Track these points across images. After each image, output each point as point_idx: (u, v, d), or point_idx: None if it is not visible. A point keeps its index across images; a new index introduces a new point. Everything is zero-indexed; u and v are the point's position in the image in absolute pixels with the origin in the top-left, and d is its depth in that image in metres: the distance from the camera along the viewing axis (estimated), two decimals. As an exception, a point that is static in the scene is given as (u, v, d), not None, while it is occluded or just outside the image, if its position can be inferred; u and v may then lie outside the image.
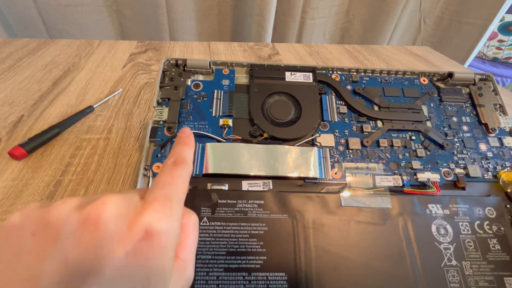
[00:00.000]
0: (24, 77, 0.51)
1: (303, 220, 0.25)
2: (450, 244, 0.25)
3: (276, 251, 0.23)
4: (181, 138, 0.19)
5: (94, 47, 0.62)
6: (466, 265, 0.24)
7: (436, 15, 0.99)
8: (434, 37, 1.02)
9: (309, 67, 0.34)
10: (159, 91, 0.31)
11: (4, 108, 0.44)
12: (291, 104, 0.32)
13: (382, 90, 0.33)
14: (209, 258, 0.23)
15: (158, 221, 0.13)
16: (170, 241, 0.14)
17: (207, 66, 0.32)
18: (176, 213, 0.15)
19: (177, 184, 0.16)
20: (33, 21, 0.76)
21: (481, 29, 0.91)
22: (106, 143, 0.39)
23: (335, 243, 0.24)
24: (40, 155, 0.37)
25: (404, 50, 0.77)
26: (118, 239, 0.12)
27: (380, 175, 0.28)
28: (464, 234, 0.25)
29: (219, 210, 0.25)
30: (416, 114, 0.31)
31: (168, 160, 0.17)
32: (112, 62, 0.58)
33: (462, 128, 0.32)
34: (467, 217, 0.26)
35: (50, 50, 0.59)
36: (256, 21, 0.84)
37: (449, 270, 0.24)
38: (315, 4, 0.90)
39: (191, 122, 0.30)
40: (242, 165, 0.27)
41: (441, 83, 0.35)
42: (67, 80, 0.51)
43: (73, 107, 0.45)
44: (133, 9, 0.83)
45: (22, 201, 0.32)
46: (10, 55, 0.56)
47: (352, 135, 0.30)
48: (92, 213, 0.13)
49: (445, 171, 0.29)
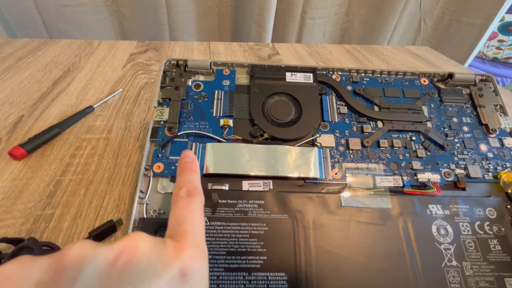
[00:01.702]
0: (24, 77, 0.51)
1: (303, 220, 0.25)
2: (451, 244, 0.25)
3: (276, 251, 0.23)
4: (187, 164, 0.19)
5: (94, 47, 0.62)
6: (466, 265, 0.24)
7: (436, 15, 0.99)
8: (434, 37, 1.02)
9: (310, 67, 0.34)
10: (159, 91, 0.31)
11: (4, 108, 0.44)
12: (292, 105, 0.32)
13: (383, 90, 0.33)
14: (209, 258, 0.22)
15: (192, 261, 0.13)
16: (203, 279, 0.14)
17: (207, 66, 0.33)
18: (205, 251, 0.15)
19: (198, 219, 0.16)
20: (33, 21, 0.76)
21: (481, 29, 0.91)
22: (106, 143, 0.39)
23: (335, 243, 0.24)
24: (40, 155, 0.37)
25: (404, 50, 0.77)
26: (154, 279, 0.12)
27: (380, 175, 0.28)
28: (465, 234, 0.25)
29: (219, 210, 0.25)
30: (416, 115, 0.31)
31: (180, 190, 0.17)
32: (112, 62, 0.58)
33: (463, 128, 0.32)
34: (468, 217, 0.26)
35: (50, 50, 0.59)
36: (256, 21, 0.84)
37: (450, 270, 0.24)
38: (315, 4, 0.90)
39: (192, 122, 0.30)
40: (242, 165, 0.27)
41: (441, 83, 0.35)
42: (67, 80, 0.51)
43: (73, 107, 0.45)
44: (133, 9, 0.83)
45: (22, 201, 0.32)
46: (10, 55, 0.56)
47: (353, 136, 0.30)
48: (124, 251, 0.12)
49: (446, 172, 0.29)
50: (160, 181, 0.27)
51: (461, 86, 0.35)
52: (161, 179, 0.27)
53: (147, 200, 0.26)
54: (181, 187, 0.17)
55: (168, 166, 0.27)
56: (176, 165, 0.27)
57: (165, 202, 0.26)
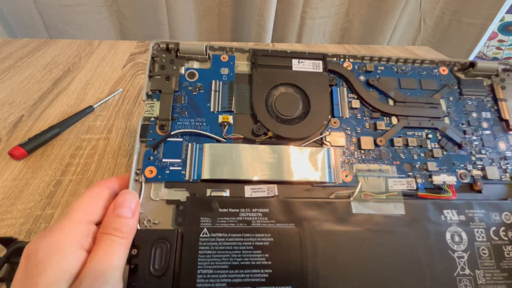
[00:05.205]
0: (24, 77, 0.51)
1: (311, 230, 0.23)
2: (464, 252, 0.24)
3: (282, 263, 0.22)
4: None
5: (94, 47, 0.62)
6: (479, 274, 0.23)
7: (436, 15, 0.99)
8: (434, 37, 1.02)
9: (319, 53, 0.30)
10: (148, 81, 0.27)
11: (4, 108, 0.44)
12: (299, 98, 0.28)
13: (398, 81, 0.30)
14: (211, 272, 0.21)
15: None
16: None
17: (203, 51, 0.28)
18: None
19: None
20: (33, 21, 0.76)
21: (481, 29, 0.91)
22: (106, 143, 0.39)
23: (344, 254, 0.23)
24: (40, 155, 0.37)
25: (404, 50, 0.77)
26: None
27: (393, 177, 0.26)
28: (479, 241, 0.24)
29: (220, 220, 0.23)
30: (434, 110, 0.29)
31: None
32: (112, 62, 0.58)
33: (482, 125, 0.29)
34: (483, 223, 0.25)
35: (50, 50, 0.59)
36: (256, 21, 0.84)
37: (462, 279, 0.23)
38: (315, 4, 0.90)
39: (187, 119, 0.26)
40: (244, 169, 0.25)
41: (461, 73, 0.32)
42: (67, 80, 0.51)
43: (73, 107, 0.45)
44: (133, 9, 0.83)
45: (22, 201, 0.32)
46: (10, 55, 0.56)
47: (365, 133, 0.28)
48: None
49: (462, 173, 0.27)
50: (153, 187, 0.24)
51: (482, 76, 0.32)
52: (154, 184, 0.24)
53: (140, 209, 0.23)
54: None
55: (161, 170, 0.24)
56: (170, 169, 0.24)
57: (159, 210, 0.23)
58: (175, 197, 0.24)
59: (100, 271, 0.16)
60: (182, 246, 0.21)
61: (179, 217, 0.23)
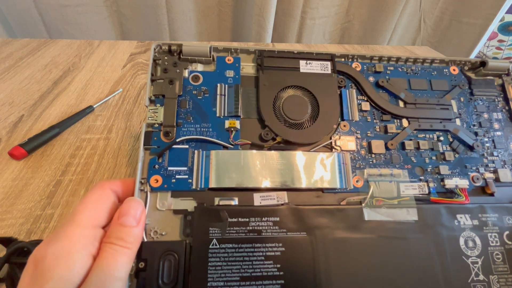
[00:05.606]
0: (24, 77, 0.50)
1: (323, 238, 0.22)
2: (478, 257, 0.23)
3: (294, 273, 0.21)
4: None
5: (94, 47, 0.62)
6: (493, 279, 0.23)
7: (436, 15, 0.99)
8: (434, 37, 1.02)
9: (327, 54, 0.29)
10: (151, 85, 0.26)
11: (4, 108, 0.43)
12: (307, 101, 0.27)
13: (408, 82, 0.29)
14: (221, 285, 0.20)
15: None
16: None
17: (207, 52, 0.27)
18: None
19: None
20: (33, 21, 0.76)
21: (481, 29, 0.91)
22: (106, 143, 0.39)
23: (358, 262, 0.22)
24: (40, 155, 0.37)
25: (404, 50, 0.77)
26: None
27: (404, 182, 0.25)
28: (493, 246, 0.24)
29: (229, 230, 0.22)
30: (445, 111, 0.28)
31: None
32: (112, 62, 0.58)
33: (493, 126, 0.29)
34: (496, 227, 0.24)
35: (50, 50, 0.59)
36: (256, 21, 0.84)
37: (476, 285, 0.22)
38: (315, 4, 0.90)
39: (192, 125, 0.25)
40: (253, 176, 0.24)
41: (471, 72, 0.31)
42: (67, 80, 0.51)
43: (73, 107, 0.45)
44: (133, 9, 0.83)
45: (22, 201, 0.32)
46: (10, 55, 0.56)
47: (375, 137, 0.27)
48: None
49: (474, 176, 0.26)
50: (159, 197, 0.23)
51: (492, 76, 0.31)
52: (160, 193, 0.23)
53: (146, 219, 0.22)
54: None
55: (167, 179, 0.23)
56: (177, 177, 0.24)
57: (166, 220, 0.22)
58: (182, 206, 0.23)
59: (101, 282, 0.16)
60: (191, 258, 0.21)
61: (187, 227, 0.22)
